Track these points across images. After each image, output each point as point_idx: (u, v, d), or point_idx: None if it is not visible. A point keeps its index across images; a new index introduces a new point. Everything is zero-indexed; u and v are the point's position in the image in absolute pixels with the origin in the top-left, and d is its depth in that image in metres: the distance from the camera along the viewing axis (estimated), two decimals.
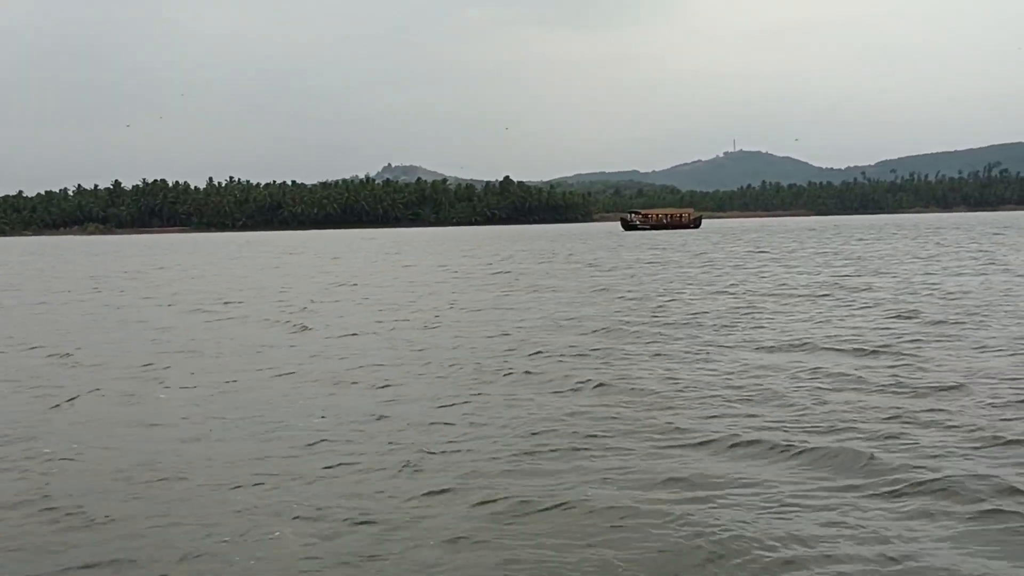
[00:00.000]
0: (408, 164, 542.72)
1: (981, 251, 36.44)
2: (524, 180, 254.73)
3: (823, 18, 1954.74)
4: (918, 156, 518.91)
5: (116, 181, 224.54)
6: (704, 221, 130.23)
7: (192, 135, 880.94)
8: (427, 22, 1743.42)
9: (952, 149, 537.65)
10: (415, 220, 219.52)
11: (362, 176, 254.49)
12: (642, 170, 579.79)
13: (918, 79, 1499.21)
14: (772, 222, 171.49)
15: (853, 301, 17.67)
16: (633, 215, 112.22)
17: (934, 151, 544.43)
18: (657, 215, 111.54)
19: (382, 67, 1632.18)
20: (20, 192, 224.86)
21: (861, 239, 56.84)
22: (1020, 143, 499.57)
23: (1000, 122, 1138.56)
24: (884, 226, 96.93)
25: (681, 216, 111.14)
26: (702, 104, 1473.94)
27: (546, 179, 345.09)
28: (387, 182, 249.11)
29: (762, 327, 13.91)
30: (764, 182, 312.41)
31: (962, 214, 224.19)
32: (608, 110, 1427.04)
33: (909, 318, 14.49)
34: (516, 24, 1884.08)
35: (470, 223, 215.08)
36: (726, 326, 14.14)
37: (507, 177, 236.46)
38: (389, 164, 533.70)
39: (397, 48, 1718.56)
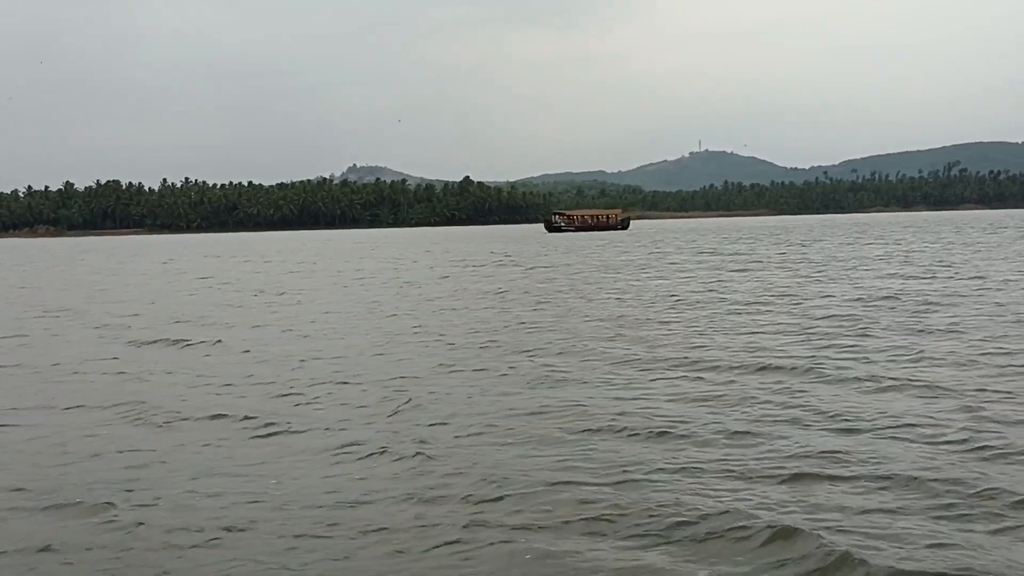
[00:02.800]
0: (374, 164, 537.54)
1: None
2: (490, 180, 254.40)
3: (788, 20, 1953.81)
4: (880, 156, 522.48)
5: (68, 182, 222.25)
6: (645, 222, 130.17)
7: (149, 135, 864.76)
8: (395, 22, 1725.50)
9: (913, 149, 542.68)
10: (373, 221, 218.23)
11: (327, 177, 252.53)
12: (608, 170, 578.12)
13: (882, 80, 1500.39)
14: (726, 222, 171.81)
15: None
16: (557, 216, 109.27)
17: (896, 151, 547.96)
18: (582, 216, 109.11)
19: (348, 67, 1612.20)
20: None
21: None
22: (979, 143, 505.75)
23: (960, 122, 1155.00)
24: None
25: (608, 217, 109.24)
26: (668, 105, 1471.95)
27: (512, 179, 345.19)
28: (345, 182, 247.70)
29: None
30: (727, 182, 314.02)
31: (922, 213, 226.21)
32: (575, 110, 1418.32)
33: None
34: (485, 24, 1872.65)
35: (429, 224, 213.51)
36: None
37: (467, 177, 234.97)
38: (354, 165, 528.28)
39: (364, 48, 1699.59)
